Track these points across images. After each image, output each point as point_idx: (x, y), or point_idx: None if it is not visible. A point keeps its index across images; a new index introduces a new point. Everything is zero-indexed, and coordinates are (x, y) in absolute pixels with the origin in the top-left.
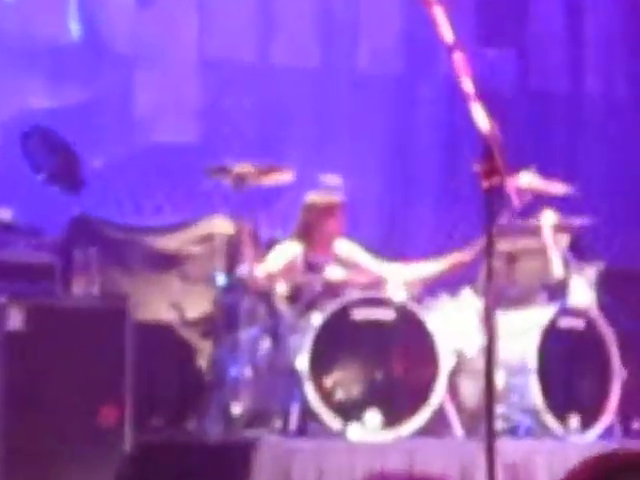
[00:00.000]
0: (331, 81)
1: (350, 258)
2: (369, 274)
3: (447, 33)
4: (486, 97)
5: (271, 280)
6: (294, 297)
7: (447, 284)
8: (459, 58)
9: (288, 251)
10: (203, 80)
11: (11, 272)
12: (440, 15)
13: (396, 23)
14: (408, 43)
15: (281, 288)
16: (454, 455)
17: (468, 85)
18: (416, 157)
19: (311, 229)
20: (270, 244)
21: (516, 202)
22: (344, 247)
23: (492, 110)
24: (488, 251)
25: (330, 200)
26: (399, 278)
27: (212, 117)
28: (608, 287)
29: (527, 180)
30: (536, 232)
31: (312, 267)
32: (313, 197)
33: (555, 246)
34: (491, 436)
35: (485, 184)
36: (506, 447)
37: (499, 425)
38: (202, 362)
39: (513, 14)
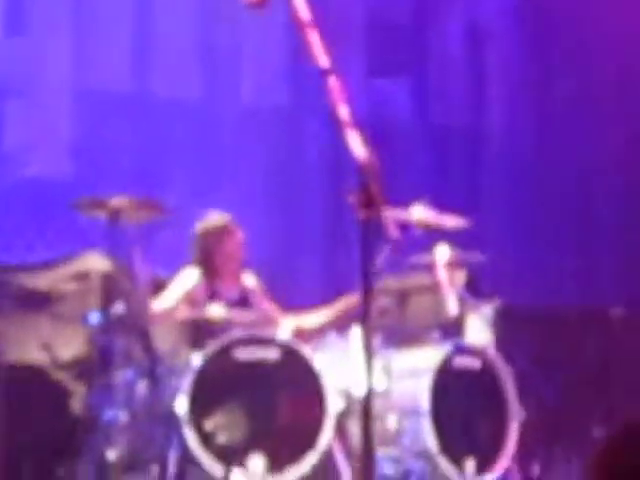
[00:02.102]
0: (214, 114)
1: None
2: (258, 313)
3: (321, 57)
4: (378, 128)
5: (169, 315)
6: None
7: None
8: (334, 83)
9: (187, 281)
10: (78, 111)
11: None
12: (315, 39)
13: (281, 55)
14: (293, 76)
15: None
16: None
17: (343, 112)
18: (302, 192)
19: (210, 254)
20: (152, 281)
21: (394, 234)
22: (250, 280)
23: (384, 141)
24: (363, 286)
25: (223, 220)
26: (288, 325)
27: (87, 150)
28: (506, 326)
29: (419, 213)
30: (430, 268)
31: (217, 298)
32: (205, 222)
33: (450, 283)
34: None
35: (361, 215)
36: None
37: (391, 470)
38: (75, 405)
39: (409, 44)
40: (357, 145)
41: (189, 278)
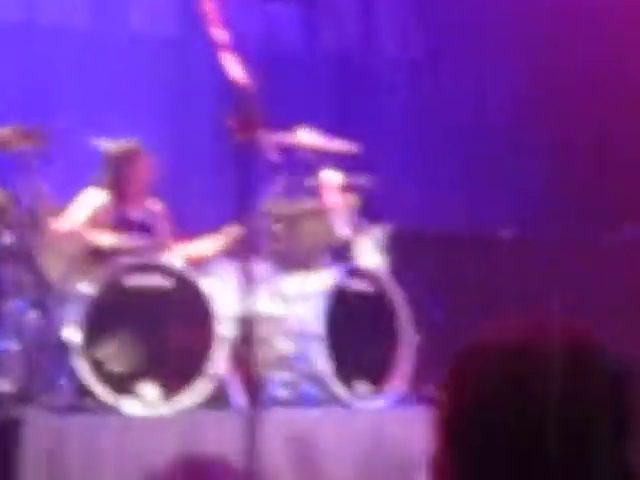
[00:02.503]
0: (102, 42)
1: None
2: (151, 240)
3: None
4: (270, 53)
5: (75, 234)
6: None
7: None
8: (210, 7)
9: (92, 201)
10: None
11: None
12: None
13: None
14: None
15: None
16: (236, 428)
17: (220, 35)
18: (191, 117)
19: (121, 177)
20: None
21: (273, 156)
22: (156, 205)
23: (276, 66)
24: (241, 209)
25: (137, 144)
26: (179, 251)
27: None
28: (397, 249)
29: (306, 137)
30: (318, 192)
31: (123, 222)
32: (118, 145)
33: (340, 206)
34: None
35: (239, 138)
36: (292, 416)
37: (284, 394)
38: None
39: None
40: (234, 68)
41: (94, 199)
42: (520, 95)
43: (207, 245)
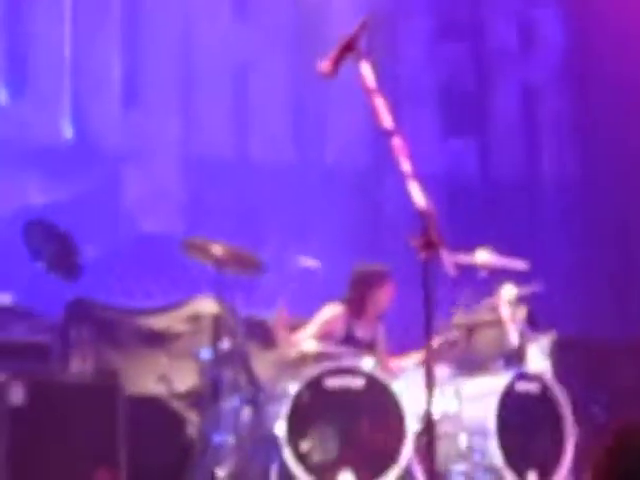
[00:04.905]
0: (303, 173)
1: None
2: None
3: (386, 119)
4: (451, 184)
5: (294, 342)
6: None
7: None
8: (398, 142)
9: (328, 314)
10: (186, 175)
11: (12, 351)
12: (380, 103)
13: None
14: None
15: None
16: None
17: (406, 166)
18: (381, 241)
19: (363, 295)
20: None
21: (452, 272)
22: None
23: (456, 195)
24: (427, 324)
25: (385, 269)
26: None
27: (195, 209)
28: (561, 355)
29: (483, 257)
30: (494, 305)
31: (351, 338)
32: (368, 266)
33: (513, 318)
34: None
35: (422, 256)
36: None
37: None
38: (190, 431)
39: (474, 106)
40: (417, 195)
41: (331, 312)
42: None
43: (412, 359)
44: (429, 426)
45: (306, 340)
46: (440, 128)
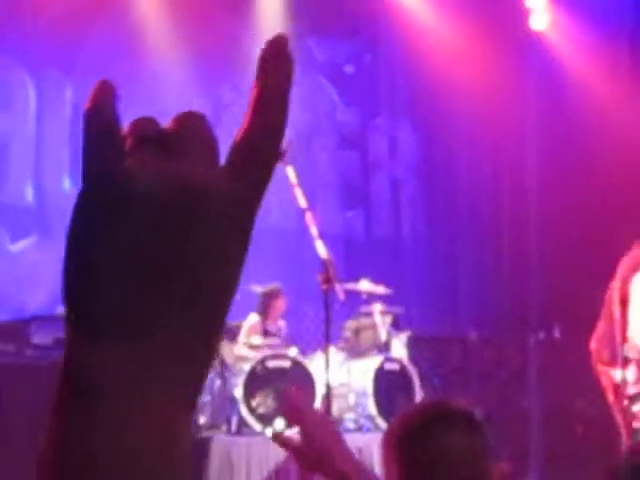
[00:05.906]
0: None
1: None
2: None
3: (301, 200)
4: (346, 240)
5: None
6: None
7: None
8: (310, 216)
9: (252, 320)
10: None
11: None
12: (298, 192)
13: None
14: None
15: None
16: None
17: (314, 231)
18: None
19: (268, 307)
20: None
21: (341, 297)
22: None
23: (349, 247)
24: (326, 333)
25: (276, 289)
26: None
27: None
28: (414, 346)
29: (365, 285)
30: (370, 315)
31: (266, 331)
32: (266, 288)
33: (381, 322)
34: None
35: (323, 287)
36: (355, 438)
37: (352, 426)
38: None
39: (361, 190)
40: (321, 248)
41: (253, 319)
42: None
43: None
44: (329, 390)
45: (249, 338)
46: (339, 204)
